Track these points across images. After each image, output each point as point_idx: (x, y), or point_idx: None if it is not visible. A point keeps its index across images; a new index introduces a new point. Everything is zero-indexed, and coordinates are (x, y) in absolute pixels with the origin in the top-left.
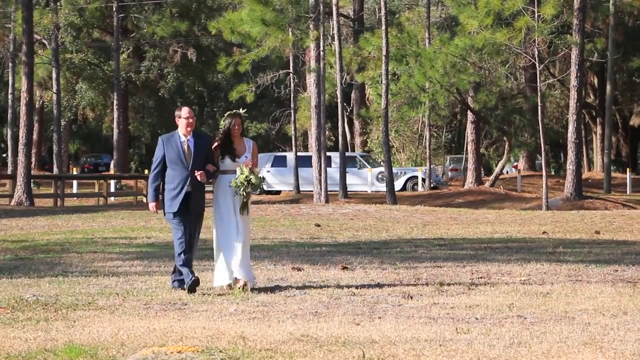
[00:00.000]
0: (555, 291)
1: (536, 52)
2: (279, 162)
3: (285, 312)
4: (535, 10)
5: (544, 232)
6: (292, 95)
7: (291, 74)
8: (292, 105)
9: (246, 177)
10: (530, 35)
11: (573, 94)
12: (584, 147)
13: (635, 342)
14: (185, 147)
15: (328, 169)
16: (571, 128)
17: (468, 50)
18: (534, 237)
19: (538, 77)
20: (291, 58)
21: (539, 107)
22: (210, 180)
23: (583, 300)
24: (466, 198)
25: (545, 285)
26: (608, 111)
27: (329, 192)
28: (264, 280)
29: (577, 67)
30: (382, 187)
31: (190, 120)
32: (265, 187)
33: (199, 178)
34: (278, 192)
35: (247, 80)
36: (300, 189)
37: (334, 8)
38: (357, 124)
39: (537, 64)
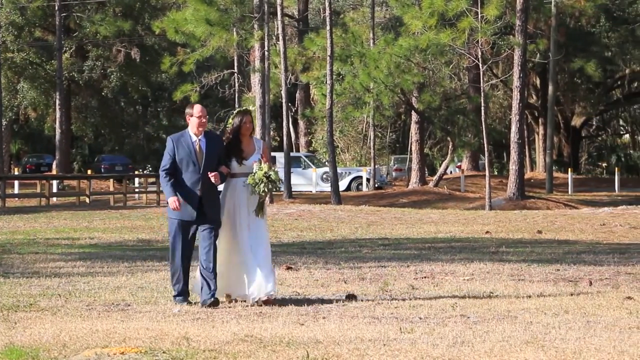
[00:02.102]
0: (498, 290)
1: (479, 53)
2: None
3: (230, 312)
4: (479, 11)
5: (487, 232)
6: (236, 95)
7: (236, 74)
8: (236, 105)
9: (265, 173)
10: (474, 36)
11: (516, 95)
12: (526, 148)
13: (577, 340)
14: (197, 147)
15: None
16: (514, 128)
17: (412, 50)
18: (477, 237)
19: (481, 77)
20: (236, 58)
21: (482, 108)
22: (218, 184)
23: (525, 299)
24: (410, 198)
25: (488, 285)
26: (550, 111)
27: (274, 192)
28: None
29: (519, 67)
30: (327, 187)
31: (203, 119)
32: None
33: (212, 180)
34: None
35: (192, 80)
36: None
37: (279, 8)
38: (301, 124)
39: (480, 65)
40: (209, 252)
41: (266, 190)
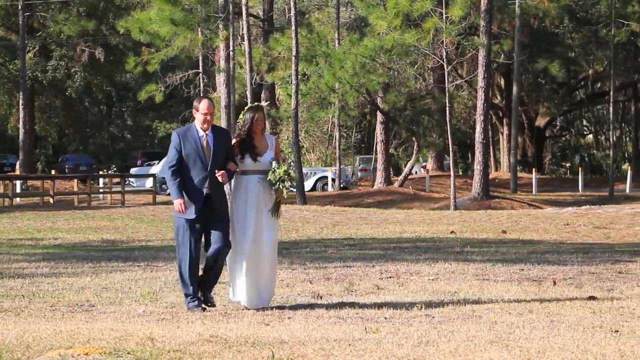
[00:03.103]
0: (463, 290)
1: (444, 53)
2: None
3: (195, 312)
4: (443, 11)
5: (452, 232)
6: (201, 95)
7: (201, 74)
8: None
9: (286, 170)
10: (439, 36)
11: (480, 95)
12: (491, 148)
13: (541, 340)
14: (204, 142)
15: None
16: (478, 129)
17: (377, 51)
18: (442, 237)
19: (446, 78)
20: (200, 58)
21: (447, 108)
22: (225, 182)
23: (490, 299)
24: (375, 198)
25: (453, 285)
26: (514, 112)
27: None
28: (173, 281)
29: (484, 68)
30: (292, 187)
31: (209, 117)
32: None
33: (220, 179)
34: None
35: (156, 80)
36: None
37: (244, 8)
38: (267, 124)
39: (445, 65)
40: (190, 260)
41: (288, 187)
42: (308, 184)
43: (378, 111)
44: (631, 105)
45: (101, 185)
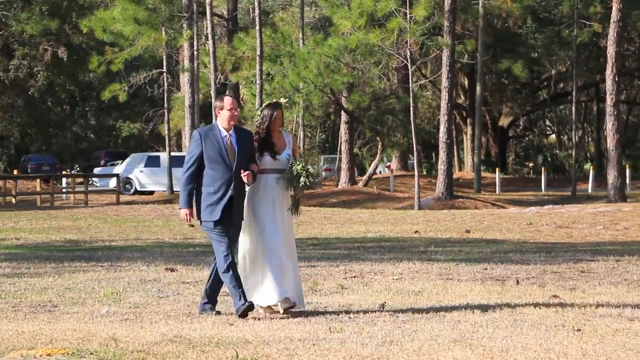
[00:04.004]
0: (427, 289)
1: (408, 53)
2: (153, 162)
3: (158, 313)
4: (407, 11)
5: (416, 232)
6: (165, 94)
7: (165, 74)
8: (165, 105)
9: (303, 166)
10: (403, 36)
11: (444, 95)
12: (455, 147)
13: (504, 339)
14: (228, 143)
15: None
16: (442, 128)
17: (341, 50)
18: (406, 237)
19: (410, 78)
20: (164, 57)
21: (411, 108)
22: (248, 184)
23: (453, 298)
24: (340, 198)
25: (417, 284)
26: (478, 112)
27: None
28: (136, 281)
29: (448, 68)
30: None
31: (235, 112)
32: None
33: (245, 180)
34: (151, 193)
35: (120, 80)
36: (174, 189)
37: (208, 8)
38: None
39: (409, 65)
40: (230, 257)
41: (307, 184)
42: None
43: (342, 111)
44: (593, 105)
45: (64, 185)
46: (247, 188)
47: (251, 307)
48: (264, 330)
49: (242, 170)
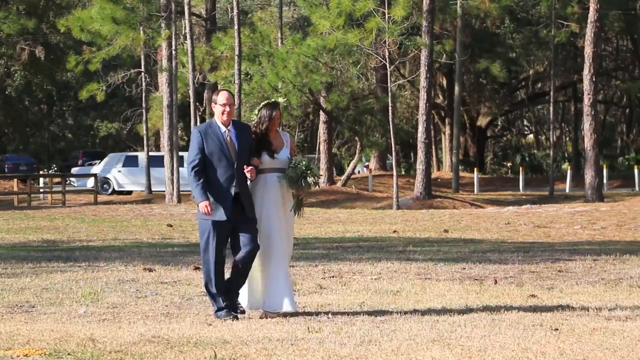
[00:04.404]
0: (405, 289)
1: (387, 53)
2: (131, 162)
3: (136, 313)
4: (386, 11)
5: (394, 231)
6: (143, 94)
7: (143, 73)
8: (143, 105)
9: (307, 166)
10: (381, 36)
11: (423, 95)
12: (433, 147)
13: (482, 338)
14: (228, 138)
15: (180, 168)
16: (421, 128)
17: (320, 50)
18: (384, 236)
19: (389, 77)
20: (143, 57)
21: (390, 108)
22: (251, 180)
23: (432, 297)
24: (318, 198)
25: (396, 284)
26: (456, 112)
27: (181, 192)
28: (114, 281)
29: (426, 68)
30: None
31: (229, 108)
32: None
33: (248, 175)
34: (129, 192)
35: (98, 79)
36: (152, 189)
37: (186, 7)
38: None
39: (387, 65)
40: (216, 265)
41: (312, 182)
42: None
43: (321, 111)
44: (571, 105)
45: (42, 185)
46: (249, 183)
47: (229, 313)
48: (242, 330)
49: (245, 166)
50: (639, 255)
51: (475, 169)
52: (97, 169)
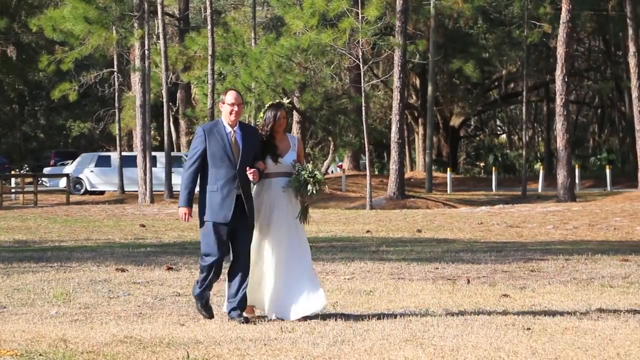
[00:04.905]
0: (378, 289)
1: (360, 53)
2: (103, 162)
3: (109, 313)
4: (359, 11)
5: (367, 231)
6: (116, 94)
7: (115, 73)
8: (116, 105)
9: (310, 172)
10: (355, 36)
11: (396, 95)
12: (406, 147)
13: (454, 338)
14: (233, 139)
15: (153, 168)
16: (394, 128)
17: (294, 50)
18: (358, 236)
19: (362, 78)
20: (115, 57)
21: (363, 108)
22: (254, 182)
23: (405, 297)
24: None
25: (369, 284)
26: (429, 112)
27: (154, 192)
28: (87, 282)
29: (399, 68)
30: None
31: (237, 108)
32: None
33: (250, 178)
34: (102, 193)
35: (70, 79)
36: (125, 189)
37: (159, 7)
38: (183, 123)
39: (361, 65)
40: (216, 268)
41: (314, 191)
42: None
43: (294, 111)
44: (543, 106)
45: (13, 185)
46: (253, 186)
47: (211, 317)
48: (215, 330)
49: (247, 168)
50: (611, 255)
51: (449, 169)
52: (69, 169)
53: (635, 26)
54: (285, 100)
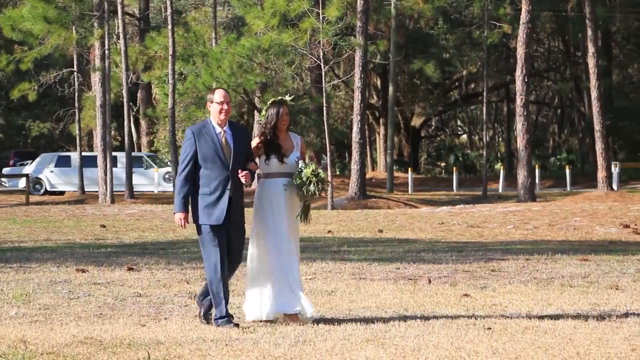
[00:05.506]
0: (340, 289)
1: (321, 54)
2: (63, 162)
3: (69, 314)
4: (320, 12)
5: (329, 231)
6: (76, 94)
7: (75, 73)
8: (76, 105)
9: (313, 171)
10: (316, 36)
11: (357, 95)
12: (368, 147)
13: (416, 337)
14: (223, 140)
15: (114, 169)
16: (355, 128)
17: (254, 50)
18: (319, 236)
19: (323, 78)
20: (75, 56)
21: (325, 108)
22: (246, 185)
23: (366, 297)
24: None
25: (330, 284)
26: (390, 112)
27: (114, 193)
28: (47, 282)
29: (360, 68)
30: (169, 187)
31: (226, 106)
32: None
33: (243, 180)
34: (62, 193)
35: (30, 79)
36: (85, 190)
37: (119, 6)
38: (143, 123)
39: (322, 65)
40: (220, 268)
41: (316, 191)
42: None
43: (255, 111)
44: (504, 106)
45: None
46: (246, 187)
47: (230, 322)
48: (176, 331)
49: (239, 170)
50: (571, 254)
51: (410, 169)
52: (29, 169)
53: (594, 27)
54: (288, 97)
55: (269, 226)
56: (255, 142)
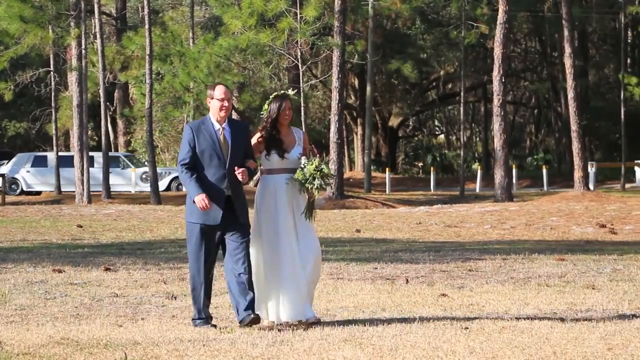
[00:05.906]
0: (317, 289)
1: (299, 54)
2: (40, 162)
3: (45, 314)
4: (298, 12)
5: None
6: (53, 94)
7: (52, 72)
8: (53, 104)
9: (316, 166)
10: (293, 36)
11: (335, 95)
12: (345, 147)
13: (393, 337)
14: (221, 137)
15: (91, 169)
16: (333, 128)
17: (232, 50)
18: None
19: (301, 78)
20: (52, 56)
21: (302, 108)
22: (245, 182)
23: (344, 297)
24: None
25: None
26: (368, 112)
27: (91, 193)
28: (23, 283)
29: (338, 68)
30: (147, 187)
31: (226, 103)
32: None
33: (239, 177)
34: (39, 193)
35: (6, 78)
36: (62, 190)
37: (96, 6)
38: (120, 123)
39: (300, 65)
40: (244, 262)
41: (320, 186)
42: (162, 184)
43: (233, 111)
44: (481, 106)
45: None
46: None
47: (207, 322)
48: (153, 331)
49: (236, 167)
50: (547, 254)
51: (387, 169)
52: (5, 169)
53: (571, 27)
54: (291, 92)
55: (269, 223)
56: (256, 137)
